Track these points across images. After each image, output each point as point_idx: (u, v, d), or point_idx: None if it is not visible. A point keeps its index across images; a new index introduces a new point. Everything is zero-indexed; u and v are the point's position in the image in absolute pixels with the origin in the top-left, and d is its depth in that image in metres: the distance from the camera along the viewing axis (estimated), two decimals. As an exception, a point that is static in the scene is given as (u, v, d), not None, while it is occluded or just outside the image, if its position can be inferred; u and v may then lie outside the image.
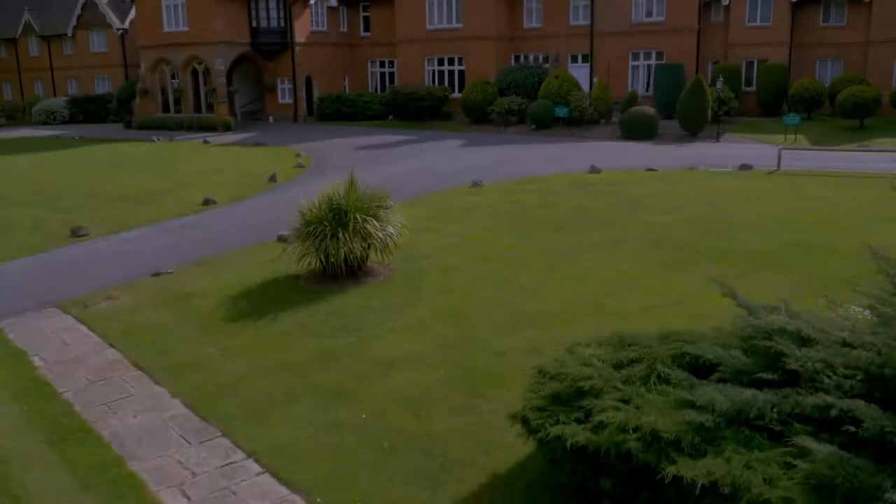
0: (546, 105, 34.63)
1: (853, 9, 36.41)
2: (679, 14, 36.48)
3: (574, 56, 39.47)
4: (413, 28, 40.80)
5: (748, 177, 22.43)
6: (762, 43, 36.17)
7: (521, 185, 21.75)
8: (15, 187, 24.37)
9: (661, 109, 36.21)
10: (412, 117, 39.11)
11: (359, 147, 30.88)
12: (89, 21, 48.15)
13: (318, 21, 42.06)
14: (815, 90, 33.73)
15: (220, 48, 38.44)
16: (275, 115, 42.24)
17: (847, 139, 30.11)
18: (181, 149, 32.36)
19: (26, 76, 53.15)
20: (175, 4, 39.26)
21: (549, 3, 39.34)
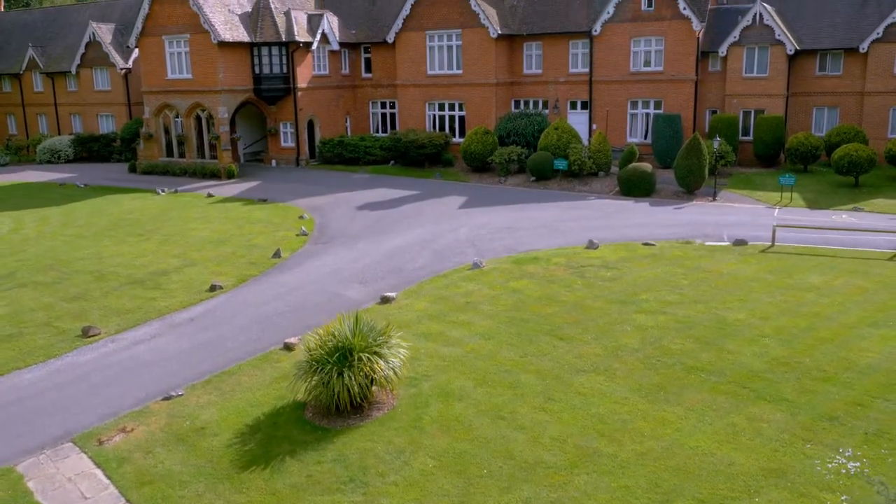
0: (545, 157, 35.08)
1: (848, 59, 36.85)
2: (677, 65, 36.90)
3: (573, 102, 39.91)
4: (413, 73, 41.24)
5: (742, 256, 22.85)
6: (759, 94, 36.62)
7: (521, 267, 22.20)
8: (24, 260, 24.86)
9: (659, 160, 36.81)
10: (413, 163, 39.57)
11: (360, 206, 31.33)
12: (93, 60, 48.59)
13: (320, 65, 42.50)
14: (811, 145, 34.17)
15: (224, 96, 38.88)
16: (277, 157, 42.70)
17: (842, 198, 30.60)
18: (185, 205, 32.76)
19: (30, 110, 53.65)
20: (179, 52, 39.70)
21: (548, 50, 39.76)
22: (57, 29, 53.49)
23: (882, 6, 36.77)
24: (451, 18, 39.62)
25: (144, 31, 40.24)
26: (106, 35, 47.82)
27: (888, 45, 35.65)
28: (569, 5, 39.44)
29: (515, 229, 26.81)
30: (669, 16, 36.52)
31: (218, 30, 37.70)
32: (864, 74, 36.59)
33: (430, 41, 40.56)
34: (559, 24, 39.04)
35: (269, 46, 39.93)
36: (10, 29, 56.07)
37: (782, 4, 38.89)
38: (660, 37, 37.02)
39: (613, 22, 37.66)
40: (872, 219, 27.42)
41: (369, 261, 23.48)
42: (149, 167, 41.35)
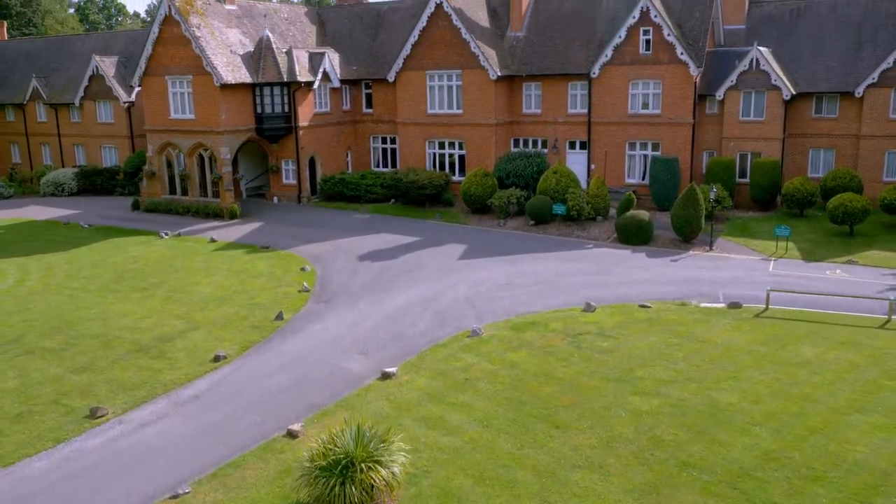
0: (544, 202, 35.51)
1: (844, 102, 37.27)
2: (675, 108, 37.31)
3: (572, 142, 40.33)
4: (414, 112, 41.67)
5: (736, 321, 23.24)
6: (756, 137, 37.04)
7: (519, 334, 22.60)
8: (31, 320, 25.26)
9: (656, 202, 37.25)
10: (414, 202, 40.00)
11: (362, 256, 31.72)
12: (96, 92, 49.02)
13: (321, 102, 42.93)
14: (806, 191, 34.60)
15: (226, 137, 39.31)
16: (279, 194, 43.12)
17: (837, 248, 31.02)
18: (188, 253, 33.16)
19: (34, 140, 54.09)
20: (181, 92, 40.13)
21: (547, 90, 40.17)
22: (60, 59, 53.94)
23: (877, 50, 37.21)
24: (450, 59, 40.04)
25: (148, 70, 40.65)
26: (109, 68, 48.25)
27: (883, 89, 36.08)
28: (568, 47, 39.85)
29: (514, 286, 27.22)
30: (667, 60, 36.93)
31: (220, 72, 38.12)
32: (859, 118, 37.01)
33: (430, 80, 40.99)
34: (558, 66, 39.46)
35: (270, 86, 40.37)
36: (14, 57, 56.53)
37: (779, 46, 39.35)
38: (657, 80, 37.43)
39: (612, 64, 38.07)
40: (865, 273, 27.88)
41: (370, 325, 23.89)
42: (152, 205, 41.78)
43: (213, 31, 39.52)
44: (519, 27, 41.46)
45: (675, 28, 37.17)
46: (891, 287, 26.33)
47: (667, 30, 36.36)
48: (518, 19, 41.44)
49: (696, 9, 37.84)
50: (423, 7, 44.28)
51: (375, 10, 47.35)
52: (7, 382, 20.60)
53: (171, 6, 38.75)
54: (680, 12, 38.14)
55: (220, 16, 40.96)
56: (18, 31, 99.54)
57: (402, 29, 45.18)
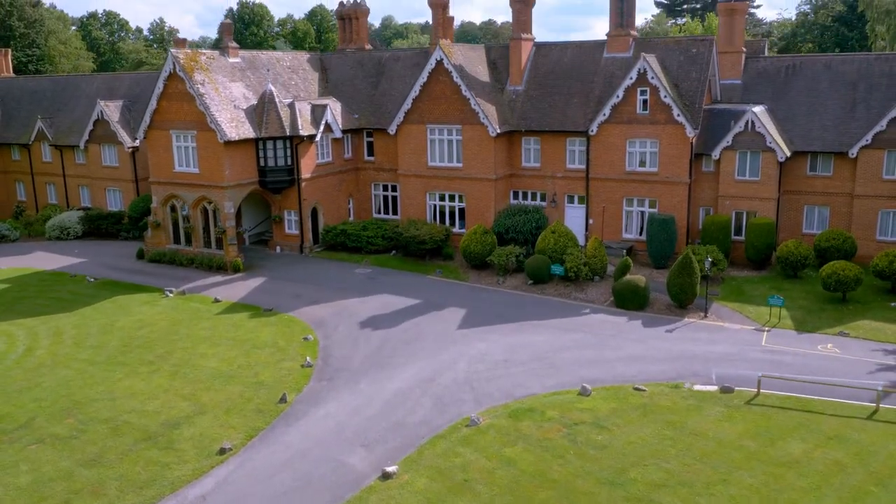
0: (543, 262, 36.14)
1: (838, 161, 37.88)
2: (671, 167, 37.92)
3: (571, 197, 40.95)
4: (414, 164, 42.31)
5: (728, 409, 23.84)
6: (751, 196, 37.63)
7: (516, 424, 23.20)
8: (41, 399, 25.88)
9: (653, 260, 37.88)
10: (414, 255, 40.62)
11: (363, 322, 32.31)
12: (101, 136, 49.64)
13: (323, 153, 43.56)
14: (800, 254, 35.20)
15: (230, 192, 39.94)
16: (282, 244, 43.74)
17: (829, 316, 31.61)
18: (193, 315, 33.75)
19: (39, 179, 54.78)
20: (186, 146, 40.75)
21: (546, 145, 40.79)
22: (65, 99, 54.58)
23: (871, 111, 37.82)
24: (451, 114, 40.66)
25: (152, 124, 41.27)
26: (114, 113, 48.88)
27: (877, 151, 36.70)
28: (566, 103, 40.46)
29: (511, 363, 27.83)
30: (663, 120, 37.53)
31: (224, 129, 38.75)
32: (853, 177, 37.63)
33: (430, 134, 41.63)
34: (557, 123, 40.09)
35: (273, 140, 40.99)
36: (20, 96, 57.16)
37: (774, 102, 39.98)
38: (654, 139, 38.04)
39: (609, 123, 38.68)
40: (856, 349, 28.48)
41: (371, 411, 24.51)
42: (157, 255, 42.41)
43: (216, 87, 40.13)
44: (518, 81, 42.07)
45: (672, 88, 37.78)
46: (880, 366, 26.97)
47: (663, 91, 36.95)
48: (517, 74, 42.05)
49: (692, 69, 38.45)
50: (425, 59, 45.20)
51: (377, 57, 47.96)
52: (20, 478, 21.25)
53: (175, 63, 39.36)
54: (677, 72, 38.74)
55: (224, 70, 41.58)
56: (22, 52, 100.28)
57: (403, 78, 45.84)
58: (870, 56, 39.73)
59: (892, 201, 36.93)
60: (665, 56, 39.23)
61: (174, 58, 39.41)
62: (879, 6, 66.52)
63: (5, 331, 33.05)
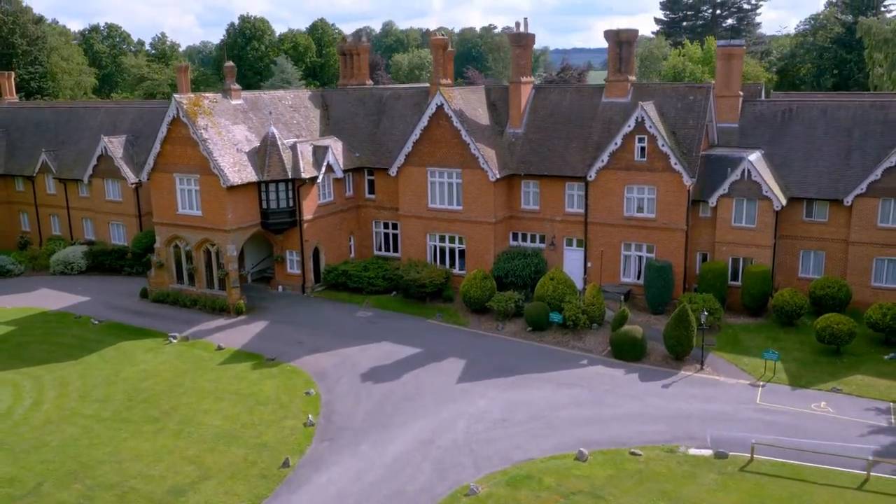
0: (542, 308, 36.64)
1: (833, 208, 38.34)
2: (669, 214, 38.38)
3: (570, 240, 41.42)
4: (415, 205, 42.79)
5: (722, 475, 24.32)
6: (747, 243, 38.08)
7: (514, 493, 23.70)
8: (48, 461, 26.37)
9: (650, 306, 38.38)
10: (415, 297, 41.09)
11: (364, 375, 32.74)
12: (105, 171, 50.10)
13: (325, 193, 44.03)
14: (795, 304, 35.68)
15: (233, 235, 40.42)
16: (284, 283, 44.22)
17: (823, 369, 32.11)
18: (197, 365, 34.20)
19: (43, 210, 55.27)
20: (189, 189, 41.23)
21: (545, 189, 41.27)
22: (69, 132, 55.08)
23: (866, 158, 38.29)
24: (451, 158, 41.15)
25: (156, 167, 41.75)
26: (117, 149, 49.35)
27: (871, 199, 37.17)
28: (565, 148, 40.94)
29: (510, 423, 28.32)
30: (661, 168, 38.00)
31: (227, 174, 39.23)
32: (848, 224, 38.08)
33: (431, 177, 42.12)
34: (556, 168, 40.57)
35: (276, 183, 41.46)
36: (24, 126, 57.66)
37: (770, 147, 40.45)
38: (652, 186, 38.52)
39: (608, 169, 39.15)
40: (849, 407, 28.95)
41: (373, 478, 24.97)
42: (160, 295, 42.89)
43: (219, 131, 40.62)
44: (518, 124, 42.56)
45: (670, 136, 38.25)
46: (871, 428, 27.46)
47: (661, 140, 37.42)
48: (517, 116, 42.53)
49: (689, 117, 38.92)
50: (425, 99, 45.81)
51: (377, 95, 48.43)
52: (28, 552, 21.78)
53: (179, 109, 39.84)
54: (674, 119, 39.21)
55: (227, 113, 42.06)
56: (24, 69, 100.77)
57: (403, 117, 46.32)
58: (865, 102, 40.17)
59: (886, 249, 37.40)
60: (663, 103, 39.70)
61: (178, 103, 39.88)
62: (878, 34, 67.09)
63: (11, 380, 33.56)
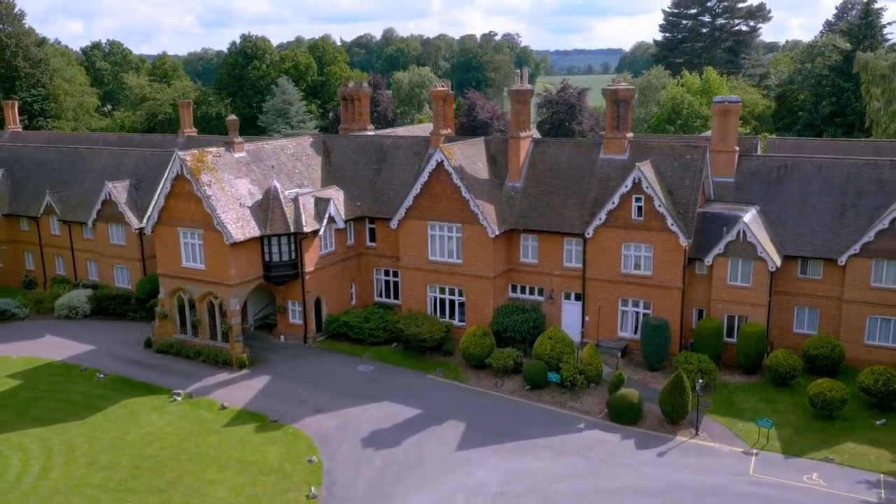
0: (540, 368, 37.27)
1: (828, 267, 38.92)
2: (665, 272, 38.98)
3: (568, 294, 42.00)
4: (415, 258, 43.40)
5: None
6: (742, 302, 38.66)
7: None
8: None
9: (647, 363, 39.02)
10: (415, 350, 41.69)
11: (365, 441, 33.30)
12: (108, 216, 50.71)
13: (327, 243, 44.62)
14: (789, 366, 36.26)
15: (236, 289, 41.01)
16: (286, 333, 44.82)
17: (816, 436, 32.69)
18: (201, 428, 34.77)
19: (47, 251, 55.91)
20: (192, 243, 41.80)
21: (543, 244, 41.86)
22: (73, 173, 55.70)
23: (859, 217, 38.87)
24: (451, 213, 41.75)
25: (160, 220, 42.36)
26: (121, 194, 49.97)
27: (865, 259, 37.76)
28: (563, 204, 41.54)
29: (508, 496, 28.94)
30: (658, 228, 38.59)
31: (230, 231, 39.83)
32: (842, 282, 38.67)
33: (431, 230, 42.72)
34: (555, 224, 41.16)
35: (278, 237, 42.06)
36: (28, 165, 58.32)
37: (766, 203, 41.05)
38: (649, 245, 39.12)
39: (605, 227, 39.75)
40: (841, 479, 29.52)
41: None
42: (164, 346, 43.47)
43: (222, 186, 41.23)
44: (517, 178, 43.15)
45: (666, 196, 38.83)
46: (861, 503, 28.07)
47: (657, 201, 38.01)
48: (516, 170, 43.12)
49: (686, 176, 39.51)
50: (425, 149, 46.52)
51: (378, 143, 49.01)
52: None
53: (182, 166, 40.45)
54: (671, 178, 39.81)
55: (230, 166, 42.66)
56: (27, 92, 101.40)
57: (403, 167, 46.96)
58: (859, 160, 40.73)
59: (879, 308, 37.98)
60: (660, 161, 40.29)
61: (181, 161, 40.47)
62: (875, 69, 67.71)
63: (18, 443, 34.17)
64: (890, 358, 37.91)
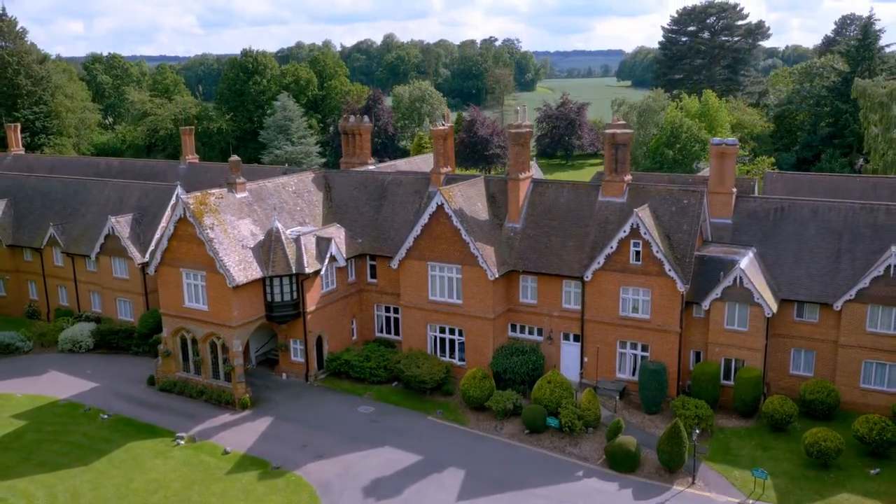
0: (539, 412, 37.72)
1: (824, 311, 39.36)
2: (663, 316, 39.42)
3: (567, 334, 42.46)
4: (416, 297, 43.85)
5: None
6: (739, 346, 39.12)
7: None
8: None
9: (645, 406, 39.48)
10: (416, 390, 42.14)
11: (366, 490, 33.74)
12: (112, 250, 51.16)
13: (328, 282, 45.08)
14: (785, 413, 36.71)
15: (238, 331, 41.47)
16: (288, 371, 45.27)
17: (812, 487, 33.17)
18: (205, 477, 35.18)
19: (51, 281, 56.32)
20: (195, 284, 42.23)
21: (542, 285, 42.31)
22: (76, 205, 56.12)
23: (855, 262, 39.30)
24: (451, 254, 42.19)
25: (163, 261, 42.79)
26: (124, 229, 50.43)
27: (860, 305, 38.19)
28: (562, 246, 41.98)
29: (508, 553, 29.50)
30: (655, 272, 39.03)
31: (232, 274, 40.27)
32: (838, 325, 39.11)
33: (431, 270, 43.18)
34: (553, 266, 41.60)
35: (280, 278, 42.51)
36: (32, 196, 58.70)
37: (763, 246, 41.50)
38: (647, 289, 39.56)
39: (604, 270, 40.20)
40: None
41: None
42: (167, 384, 43.92)
43: (225, 229, 41.66)
44: (516, 219, 43.60)
45: (664, 241, 39.28)
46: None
47: (655, 247, 38.45)
48: (515, 211, 43.57)
49: (683, 221, 39.96)
50: (425, 186, 47.05)
51: (379, 179, 49.44)
52: None
53: (185, 209, 40.89)
54: (669, 222, 40.25)
55: (232, 208, 43.10)
56: (29, 109, 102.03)
57: (404, 204, 47.43)
58: (855, 205, 41.13)
59: (874, 352, 38.43)
60: (657, 205, 40.73)
61: (185, 204, 40.92)
62: (873, 97, 68.17)
63: (24, 491, 34.60)
64: (885, 401, 38.42)
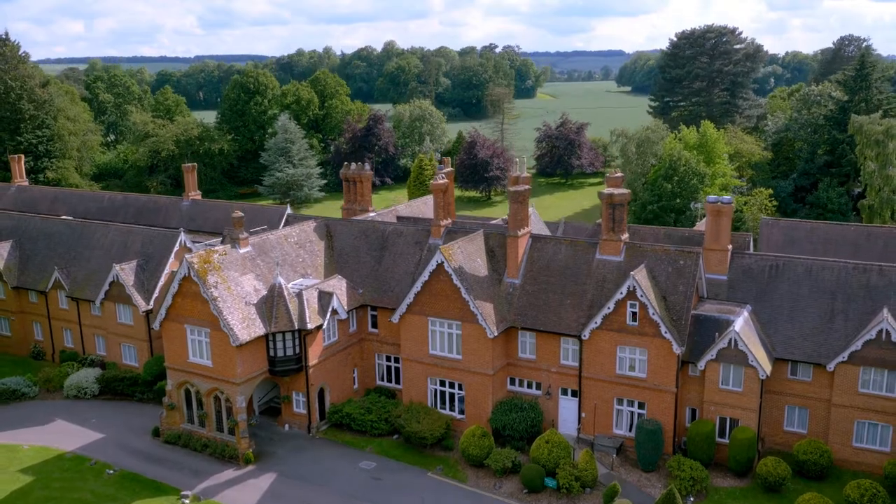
0: (537, 472, 38.44)
1: (817, 370, 40.06)
2: (659, 376, 40.13)
3: (565, 390, 43.16)
4: (416, 351, 44.55)
5: None
6: (734, 405, 39.80)
7: None
8: None
9: (641, 464, 40.25)
10: (416, 445, 42.83)
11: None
12: (116, 296, 51.87)
13: (330, 334, 45.76)
14: (778, 475, 37.39)
15: (242, 387, 42.16)
16: (290, 421, 45.98)
17: (804, 553, 33.91)
18: (209, 539, 36.09)
19: (56, 323, 57.04)
20: (199, 340, 42.94)
21: (541, 341, 43.00)
22: (80, 248, 56.78)
23: (848, 323, 39.98)
24: (451, 311, 42.87)
25: (168, 317, 43.49)
26: (129, 276, 51.14)
27: (853, 366, 38.88)
28: (560, 304, 42.66)
29: None
30: (651, 333, 39.72)
31: (236, 332, 40.95)
32: (831, 385, 39.79)
33: (432, 326, 43.87)
34: (552, 324, 42.29)
35: (283, 334, 43.20)
36: (36, 237, 59.40)
37: (757, 303, 42.18)
38: (643, 349, 40.25)
39: (601, 330, 40.90)
40: None
41: None
42: (172, 437, 44.61)
43: (229, 286, 42.34)
44: (515, 275, 44.28)
45: (660, 302, 39.98)
46: None
47: (651, 309, 39.14)
48: (514, 267, 44.25)
49: (679, 282, 40.65)
50: (426, 238, 47.77)
51: (380, 229, 50.09)
52: None
53: (190, 269, 41.57)
54: (665, 283, 40.94)
55: (236, 264, 43.78)
56: (32, 133, 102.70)
57: (405, 255, 48.12)
58: (848, 265, 41.78)
59: (867, 413, 39.12)
60: (654, 266, 41.42)
61: (189, 263, 41.60)
62: (869, 133, 68.84)
63: (33, 556, 35.38)
64: (878, 461, 39.12)
